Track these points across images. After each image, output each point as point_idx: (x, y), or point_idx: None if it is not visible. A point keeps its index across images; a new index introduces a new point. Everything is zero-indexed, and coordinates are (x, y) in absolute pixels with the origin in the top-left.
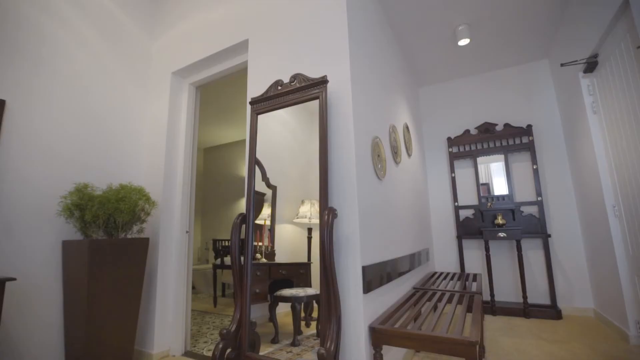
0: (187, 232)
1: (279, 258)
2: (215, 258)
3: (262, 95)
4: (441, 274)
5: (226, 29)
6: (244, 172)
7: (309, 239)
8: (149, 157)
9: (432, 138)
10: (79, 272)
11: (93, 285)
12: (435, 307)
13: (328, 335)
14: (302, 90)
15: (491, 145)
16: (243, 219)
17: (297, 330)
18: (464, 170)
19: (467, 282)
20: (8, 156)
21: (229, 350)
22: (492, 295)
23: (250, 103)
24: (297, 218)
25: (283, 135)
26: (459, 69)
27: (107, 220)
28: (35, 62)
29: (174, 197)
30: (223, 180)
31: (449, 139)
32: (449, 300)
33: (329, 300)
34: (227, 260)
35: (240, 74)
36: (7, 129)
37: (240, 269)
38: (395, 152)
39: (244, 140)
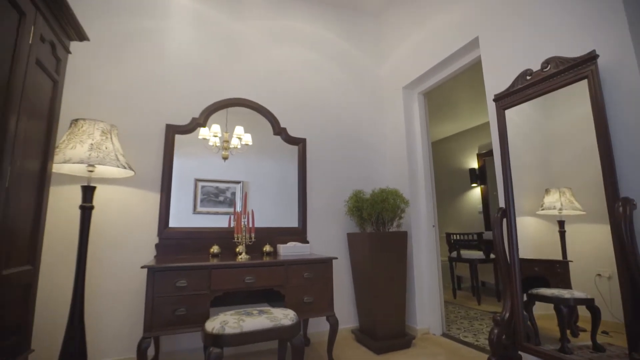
0: (433, 226)
1: (522, 254)
2: (450, 251)
3: (508, 89)
4: None
5: (451, 33)
6: (466, 164)
7: (561, 233)
8: (393, 162)
9: None
10: (362, 257)
11: (374, 268)
12: None
13: None
14: (561, 74)
15: None
16: (503, 213)
17: (564, 337)
18: None
19: None
20: (313, 179)
21: (503, 337)
22: None
23: (494, 100)
24: (542, 210)
25: (512, 119)
26: None
27: (377, 217)
28: (310, 106)
29: (418, 195)
30: (444, 174)
31: None
32: None
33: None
34: (463, 253)
35: (463, 71)
36: (309, 162)
37: (506, 262)
38: None
39: (461, 133)
